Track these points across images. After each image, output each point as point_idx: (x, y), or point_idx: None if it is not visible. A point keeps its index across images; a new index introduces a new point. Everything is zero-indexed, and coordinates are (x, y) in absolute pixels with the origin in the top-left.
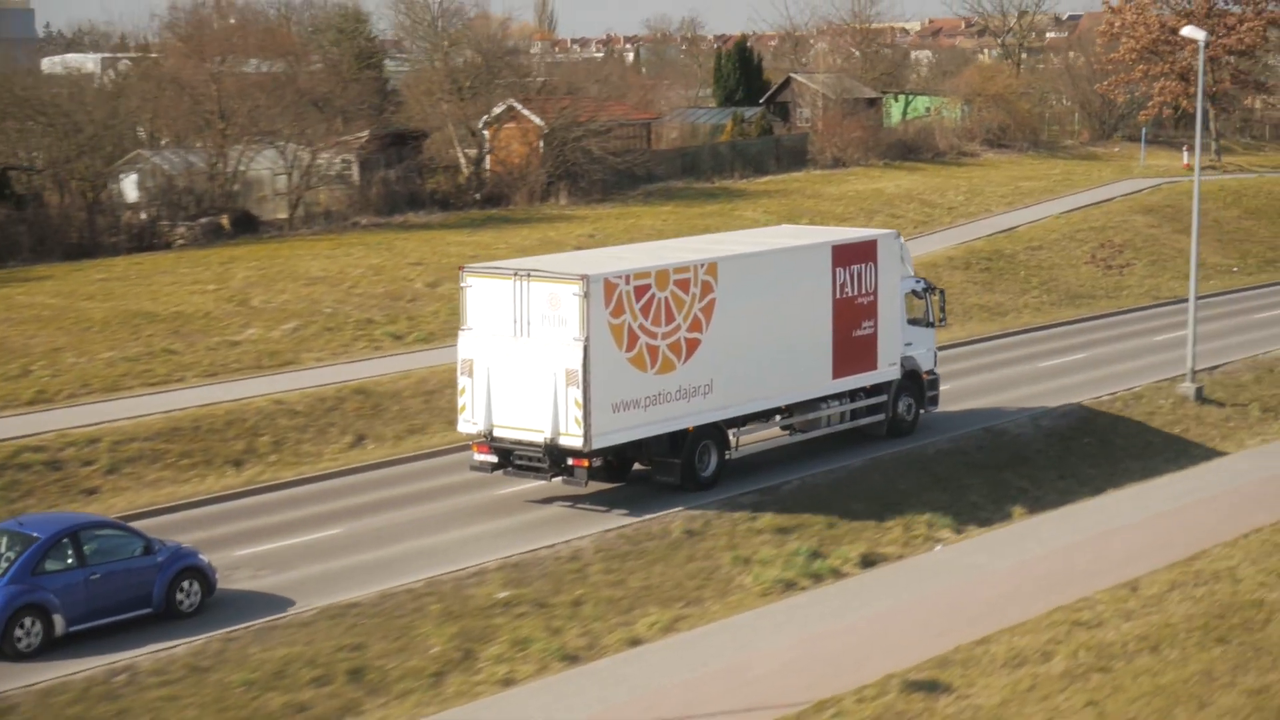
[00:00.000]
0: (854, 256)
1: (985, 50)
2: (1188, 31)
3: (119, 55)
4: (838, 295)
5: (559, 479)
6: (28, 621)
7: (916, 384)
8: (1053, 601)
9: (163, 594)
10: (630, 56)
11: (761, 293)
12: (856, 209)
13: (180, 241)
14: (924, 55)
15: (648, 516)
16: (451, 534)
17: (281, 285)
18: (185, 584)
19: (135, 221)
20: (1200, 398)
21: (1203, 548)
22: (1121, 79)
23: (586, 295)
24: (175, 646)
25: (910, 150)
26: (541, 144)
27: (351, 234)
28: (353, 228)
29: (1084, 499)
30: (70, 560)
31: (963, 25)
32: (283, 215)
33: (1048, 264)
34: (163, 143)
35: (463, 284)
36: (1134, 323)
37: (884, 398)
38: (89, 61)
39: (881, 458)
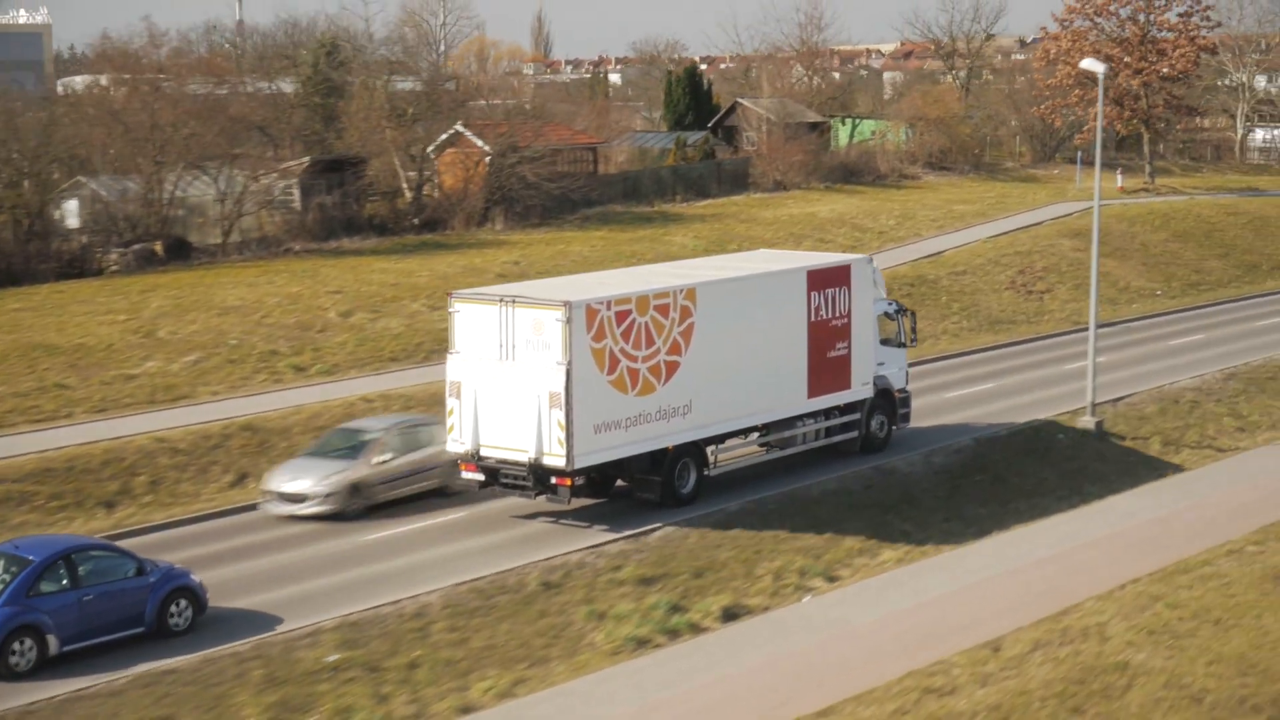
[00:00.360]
0: (828, 281)
1: (953, 73)
2: (1087, 64)
3: (126, 76)
4: (813, 318)
5: (543, 496)
6: (22, 642)
7: (889, 402)
8: (909, 663)
9: (154, 613)
10: (616, 78)
11: (739, 316)
12: (787, 234)
13: (113, 268)
14: (896, 77)
15: (503, 569)
16: (300, 586)
17: (194, 315)
18: (177, 604)
19: (67, 249)
20: (1100, 432)
21: (1076, 600)
22: (1058, 103)
23: (569, 321)
24: None
25: (852, 173)
26: (486, 169)
27: (282, 260)
28: (286, 254)
29: (968, 542)
30: (64, 582)
31: (933, 48)
32: (218, 241)
33: (970, 289)
34: (99, 170)
35: (451, 309)
36: (1049, 349)
37: (857, 416)
38: (102, 81)
39: (764, 499)
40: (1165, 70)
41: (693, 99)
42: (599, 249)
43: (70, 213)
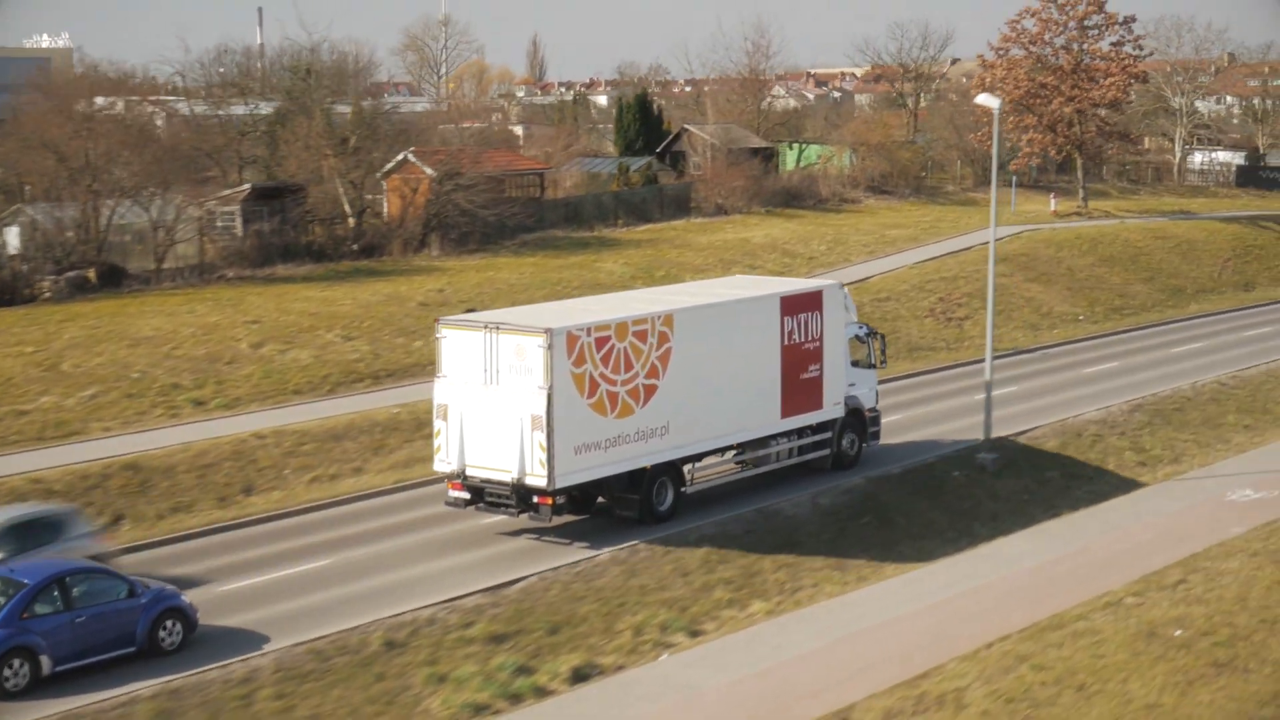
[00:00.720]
0: (801, 306)
1: (903, 97)
2: (982, 99)
3: (138, 98)
4: (786, 342)
5: (526, 514)
6: (15, 663)
7: (859, 421)
8: None
9: (145, 633)
10: (603, 99)
11: (715, 341)
12: (717, 259)
13: (46, 295)
14: (865, 99)
15: (344, 628)
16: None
17: (104, 346)
18: (168, 624)
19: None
20: (997, 468)
21: (939, 661)
22: (992, 130)
23: (550, 347)
24: None
25: (794, 198)
26: (425, 195)
27: (213, 288)
28: (219, 280)
29: (844, 592)
30: (57, 604)
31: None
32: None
33: (892, 316)
34: (38, 197)
35: (438, 335)
36: (964, 377)
37: (829, 434)
38: (118, 104)
39: (637, 546)
40: (1098, 97)
41: (643, 124)
42: (528, 275)
43: (12, 239)
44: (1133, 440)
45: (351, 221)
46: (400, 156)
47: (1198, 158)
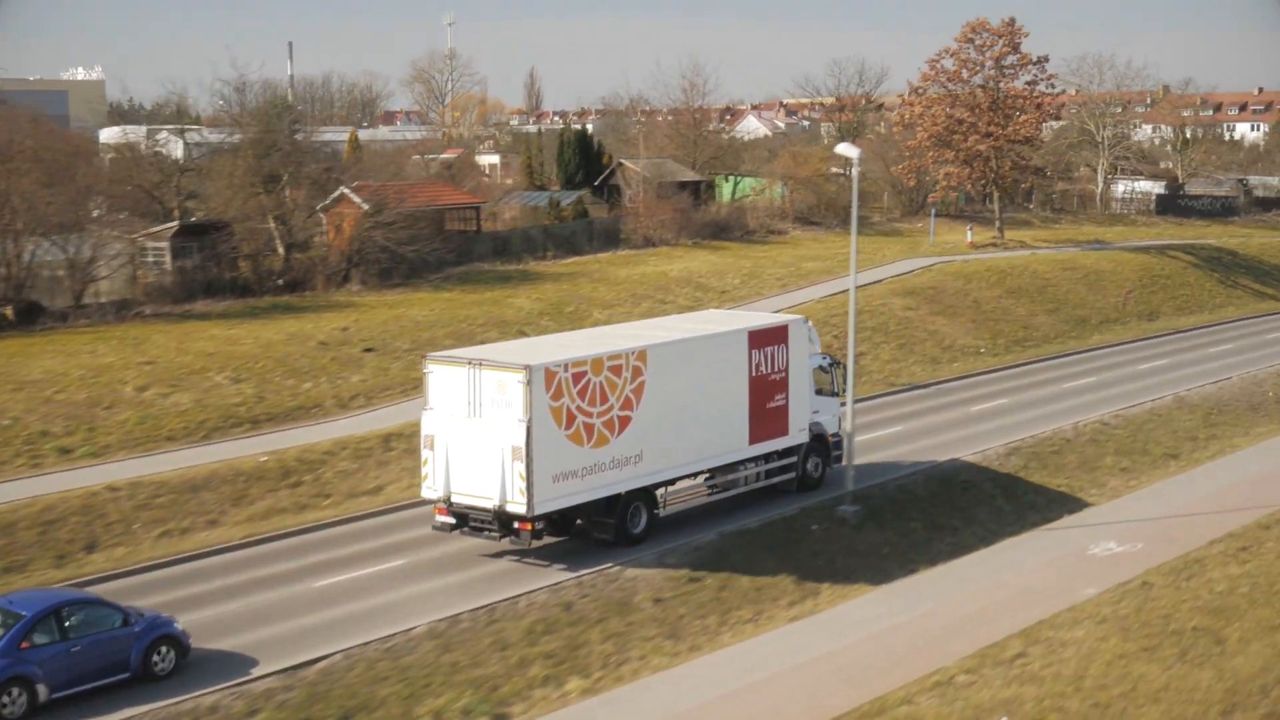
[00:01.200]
0: (768, 340)
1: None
2: (841, 149)
3: (161, 126)
4: (753, 374)
5: (507, 539)
6: (13, 692)
7: (823, 445)
8: None
9: (139, 660)
10: (589, 127)
11: (686, 374)
12: (629, 294)
13: None
14: (830, 128)
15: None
16: None
17: None
18: (161, 650)
19: None
20: (859, 520)
21: None
22: (914, 164)
23: (529, 382)
24: None
25: (722, 230)
26: (353, 230)
27: (124, 326)
28: (135, 317)
29: (672, 665)
30: (54, 634)
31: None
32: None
33: None
34: None
35: (425, 370)
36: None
37: (794, 459)
38: (139, 132)
39: (459, 617)
40: (1012, 133)
41: (582, 158)
42: (438, 312)
43: None
44: (1006, 486)
45: (281, 256)
46: (337, 192)
47: (1121, 187)
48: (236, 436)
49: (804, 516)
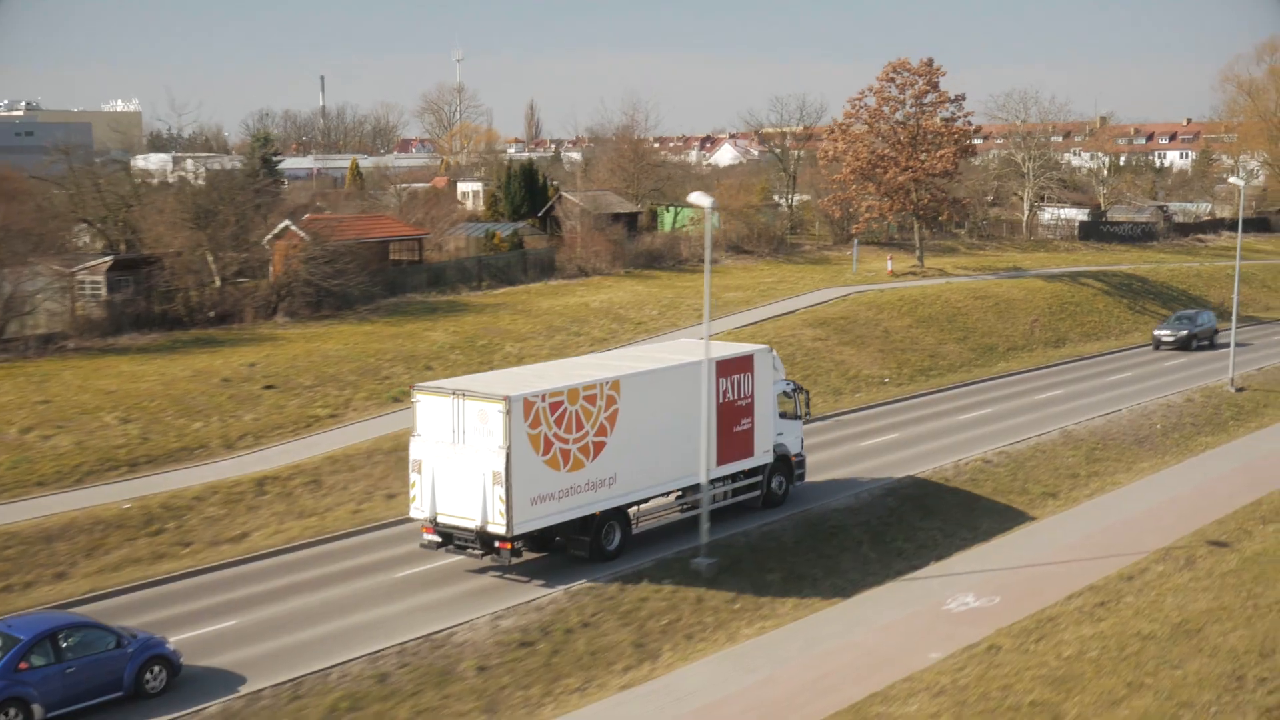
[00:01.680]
0: (734, 368)
1: (798, 158)
2: (694, 198)
3: (185, 155)
4: (721, 400)
5: (489, 557)
6: (10, 712)
7: (787, 465)
8: None
9: (132, 678)
10: (577, 155)
11: (657, 401)
12: (546, 326)
13: None
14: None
15: None
16: None
17: None
18: (153, 669)
19: None
20: (714, 573)
21: None
22: (839, 196)
23: (508, 412)
24: None
25: (655, 259)
26: (282, 264)
27: (40, 361)
28: (56, 352)
29: None
30: (50, 657)
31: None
32: None
33: None
34: None
35: (414, 399)
36: None
37: (760, 478)
38: (166, 161)
39: (260, 693)
40: (931, 167)
41: (527, 191)
42: (352, 345)
43: None
44: (876, 532)
45: (216, 289)
46: (282, 224)
47: (1048, 214)
48: (111, 480)
49: (657, 571)
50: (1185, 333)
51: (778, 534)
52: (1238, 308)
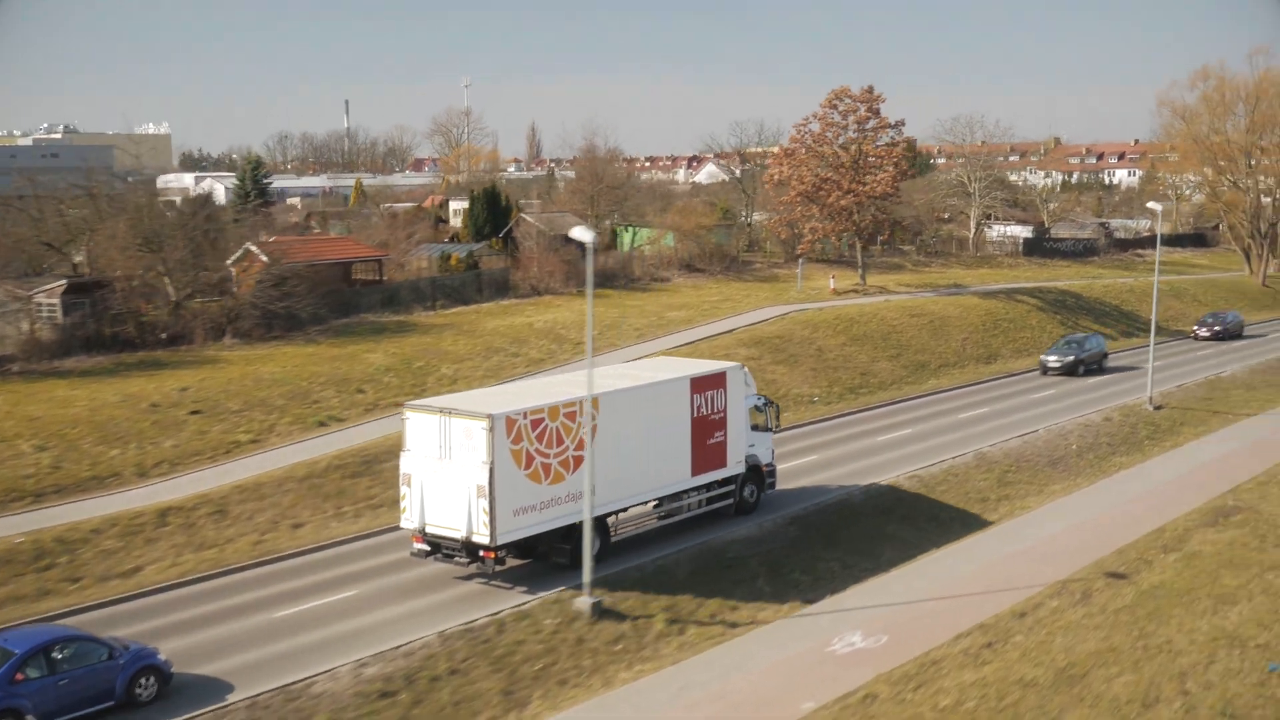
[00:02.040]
0: (708, 385)
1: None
2: (576, 233)
3: (206, 174)
4: (695, 415)
5: (474, 565)
6: None
7: (758, 474)
8: None
9: (124, 688)
10: (570, 173)
11: (635, 417)
12: (484, 347)
13: None
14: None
15: None
16: None
17: None
18: (144, 679)
19: None
20: (598, 613)
21: None
22: (784, 217)
23: (492, 429)
24: None
25: (609, 278)
26: (242, 284)
27: None
28: (2, 375)
29: None
30: (44, 669)
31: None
32: None
33: None
34: None
35: (404, 417)
36: None
37: (732, 487)
38: (188, 179)
39: None
40: (871, 189)
41: (490, 212)
42: (290, 368)
43: None
44: (774, 563)
45: (170, 311)
46: (242, 250)
47: (996, 230)
48: (14, 512)
49: (540, 611)
50: (1072, 358)
51: (671, 568)
52: (1156, 327)
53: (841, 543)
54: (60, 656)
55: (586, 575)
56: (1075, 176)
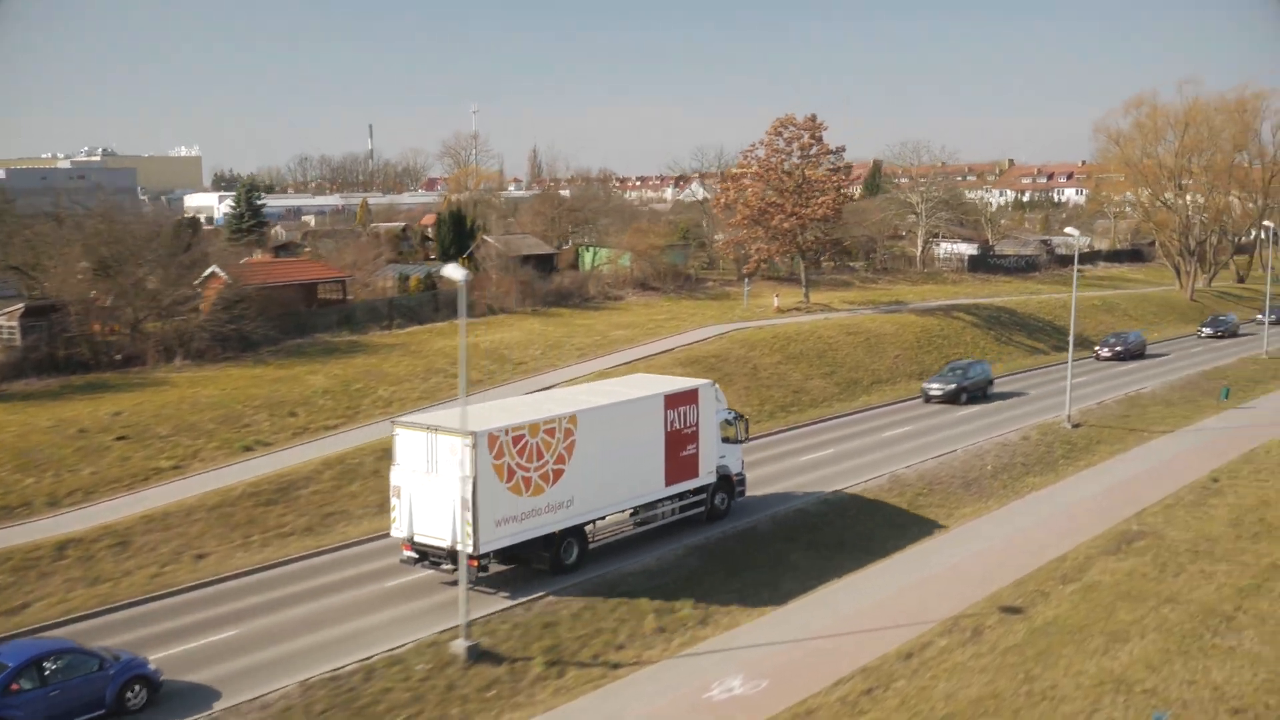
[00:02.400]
0: (681, 401)
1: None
2: (447, 271)
3: (226, 194)
4: (668, 429)
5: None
6: None
7: (729, 484)
8: None
9: (114, 697)
10: (566, 193)
11: (611, 432)
12: (425, 368)
13: None
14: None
15: None
16: None
17: None
18: (134, 688)
19: None
20: (474, 657)
21: None
22: (732, 239)
23: (474, 446)
24: None
25: (564, 297)
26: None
27: None
28: None
29: None
30: (36, 681)
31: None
32: None
33: None
34: None
35: (394, 433)
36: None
37: (704, 496)
38: (213, 198)
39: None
40: (813, 212)
41: (455, 234)
42: (230, 391)
43: None
44: (665, 599)
45: (127, 334)
46: (208, 270)
47: (944, 248)
48: None
49: (414, 656)
50: (954, 386)
51: (556, 608)
52: (1073, 344)
53: (741, 573)
54: (52, 668)
55: (463, 615)
56: (1028, 195)
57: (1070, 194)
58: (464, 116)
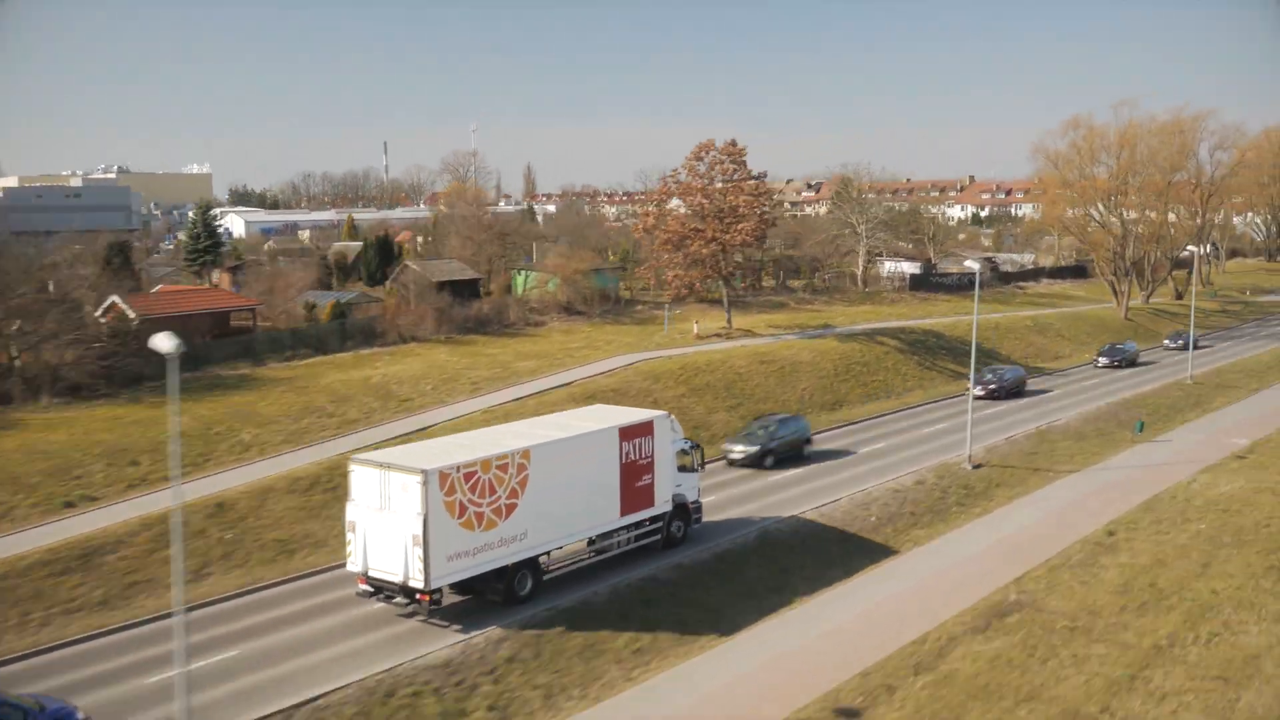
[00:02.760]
0: (636, 433)
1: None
2: (156, 341)
3: (238, 208)
4: (624, 460)
5: (412, 606)
6: None
7: (684, 512)
8: None
9: None
10: (552, 208)
11: (566, 465)
12: (302, 408)
13: None
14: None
15: None
16: None
17: None
18: None
19: None
20: None
21: None
22: (653, 264)
23: (425, 483)
24: None
25: (483, 323)
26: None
27: None
28: None
29: None
30: None
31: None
32: None
33: None
34: None
35: (349, 469)
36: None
37: (660, 524)
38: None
39: None
40: (733, 238)
41: (381, 260)
42: (79, 435)
43: None
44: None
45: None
46: (108, 301)
47: (887, 267)
48: None
49: None
50: (757, 449)
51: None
52: (975, 367)
53: (555, 663)
54: None
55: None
56: (986, 210)
57: (1027, 209)
58: (460, 136)
